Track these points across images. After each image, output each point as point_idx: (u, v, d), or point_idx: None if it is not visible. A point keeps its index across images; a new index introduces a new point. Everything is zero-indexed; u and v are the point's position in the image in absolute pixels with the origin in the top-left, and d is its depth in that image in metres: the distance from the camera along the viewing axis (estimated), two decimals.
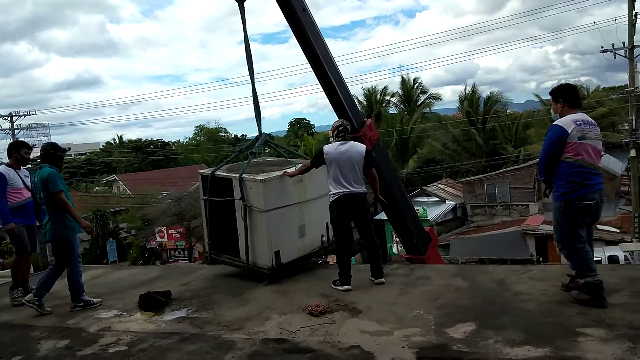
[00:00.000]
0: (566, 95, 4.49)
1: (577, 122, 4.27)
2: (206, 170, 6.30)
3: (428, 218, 25.09)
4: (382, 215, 22.83)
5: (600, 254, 18.07)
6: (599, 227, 20.71)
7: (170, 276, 6.76)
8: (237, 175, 5.67)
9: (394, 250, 24.91)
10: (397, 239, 17.17)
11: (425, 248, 8.82)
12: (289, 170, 5.78)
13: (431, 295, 4.92)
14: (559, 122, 4.35)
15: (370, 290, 5.26)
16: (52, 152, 5.46)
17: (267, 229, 5.56)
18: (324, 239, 6.17)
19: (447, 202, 28.79)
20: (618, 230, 21.47)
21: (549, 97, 4.72)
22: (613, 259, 17.62)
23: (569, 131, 4.23)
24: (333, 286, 5.34)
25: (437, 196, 29.46)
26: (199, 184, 6.27)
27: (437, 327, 4.09)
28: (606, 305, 4.13)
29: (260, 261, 5.70)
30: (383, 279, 5.41)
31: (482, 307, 4.45)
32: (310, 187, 5.95)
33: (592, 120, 4.41)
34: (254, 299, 5.26)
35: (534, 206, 26.19)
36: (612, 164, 27.29)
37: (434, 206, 28.00)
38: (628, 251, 18.32)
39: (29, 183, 6.04)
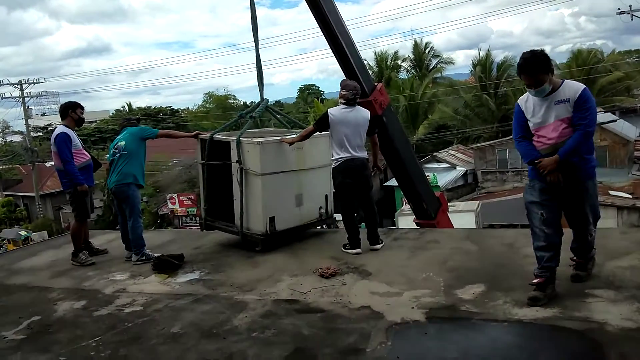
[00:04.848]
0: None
1: None
2: (205, 134, 6.19)
3: (438, 184, 25.04)
4: (393, 182, 22.96)
5: None
6: (611, 192, 20.57)
7: (183, 240, 6.85)
8: (235, 138, 5.61)
9: None
10: (407, 204, 17.20)
11: (435, 213, 8.83)
12: (287, 138, 5.65)
13: (441, 258, 4.96)
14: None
15: (380, 253, 5.32)
16: (134, 121, 6.25)
17: (262, 193, 5.50)
18: (322, 211, 6.11)
19: (457, 168, 28.69)
20: (630, 196, 21.27)
21: (545, 72, 3.60)
22: None
23: None
24: (343, 250, 5.40)
25: (447, 162, 29.35)
26: (198, 148, 6.14)
27: (446, 288, 4.14)
28: None
29: (254, 227, 5.63)
30: (378, 246, 5.44)
31: (491, 270, 4.48)
32: (309, 156, 5.85)
33: None
34: (265, 261, 5.33)
35: None
36: (627, 128, 26.87)
37: (444, 172, 27.90)
38: None
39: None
